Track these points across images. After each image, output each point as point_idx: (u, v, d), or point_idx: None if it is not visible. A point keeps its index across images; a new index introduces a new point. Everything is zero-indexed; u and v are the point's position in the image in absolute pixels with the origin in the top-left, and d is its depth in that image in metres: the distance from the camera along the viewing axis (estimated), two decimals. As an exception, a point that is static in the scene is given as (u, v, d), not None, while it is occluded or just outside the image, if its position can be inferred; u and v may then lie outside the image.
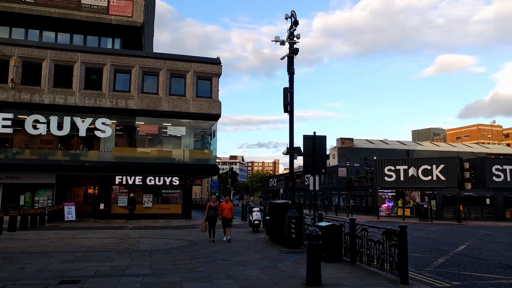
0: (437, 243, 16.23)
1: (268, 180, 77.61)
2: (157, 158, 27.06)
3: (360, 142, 74.73)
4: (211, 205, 14.77)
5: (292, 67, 14.23)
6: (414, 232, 20.73)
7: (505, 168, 35.63)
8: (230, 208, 14.83)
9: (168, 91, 26.81)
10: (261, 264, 10.30)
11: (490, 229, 24.96)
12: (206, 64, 27.76)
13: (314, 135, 13.41)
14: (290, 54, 14.29)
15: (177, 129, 27.56)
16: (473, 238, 18.66)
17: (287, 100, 13.97)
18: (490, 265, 11.06)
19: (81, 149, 25.64)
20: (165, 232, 18.53)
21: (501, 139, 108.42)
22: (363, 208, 41.14)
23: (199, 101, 27.10)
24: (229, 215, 14.72)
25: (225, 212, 14.69)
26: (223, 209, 14.70)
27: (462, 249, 14.47)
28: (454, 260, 11.85)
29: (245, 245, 14.12)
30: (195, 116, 27.26)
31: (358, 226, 10.29)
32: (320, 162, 13.36)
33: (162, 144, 27.99)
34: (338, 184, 46.42)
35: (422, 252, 13.41)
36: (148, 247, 13.20)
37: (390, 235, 8.82)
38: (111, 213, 25.70)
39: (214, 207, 14.69)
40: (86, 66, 25.22)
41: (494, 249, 14.71)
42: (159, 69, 26.69)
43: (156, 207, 27.12)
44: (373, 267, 9.51)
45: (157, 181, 26.76)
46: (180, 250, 12.60)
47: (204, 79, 27.72)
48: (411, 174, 36.61)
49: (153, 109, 26.28)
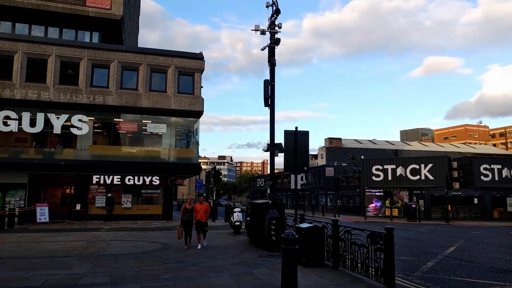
0: (425, 244, 15.50)
1: (256, 180, 76.74)
2: (137, 156, 25.94)
3: (348, 142, 74.41)
4: (186, 208, 12.96)
5: (273, 58, 13.35)
6: (402, 233, 20.03)
7: (493, 167, 35.32)
8: (205, 209, 12.94)
9: (148, 87, 25.71)
10: (235, 271, 9.39)
11: (478, 229, 24.43)
12: (188, 59, 26.72)
13: (296, 130, 12.54)
14: (271, 44, 13.40)
15: (158, 127, 26.47)
16: (462, 239, 18.01)
17: (267, 93, 13.06)
18: (483, 269, 10.32)
19: (56, 147, 24.40)
20: (141, 234, 17.50)
21: (488, 139, 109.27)
22: (350, 208, 40.49)
23: (181, 97, 26.06)
24: (204, 218, 12.87)
25: (199, 215, 12.83)
26: (197, 211, 12.82)
27: (452, 251, 13.75)
28: (444, 263, 11.09)
29: (223, 248, 13.19)
30: (176, 113, 26.20)
31: (341, 228, 9.46)
32: (303, 160, 12.49)
33: (142, 142, 26.85)
34: (326, 184, 45.73)
35: (410, 254, 12.64)
36: (117, 250, 12.19)
37: (375, 238, 7.98)
38: (88, 214, 24.52)
39: (189, 209, 12.91)
40: (61, 60, 23.94)
41: (485, 251, 14.04)
42: (139, 64, 25.57)
43: (136, 208, 26.00)
44: (357, 272, 8.67)
45: (136, 181, 25.66)
46: (150, 254, 11.62)
47: (186, 74, 26.67)
48: (399, 173, 36.06)
49: (133, 106, 25.16)
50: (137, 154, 26.19)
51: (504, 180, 35.12)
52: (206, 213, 12.90)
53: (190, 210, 12.86)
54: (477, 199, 34.52)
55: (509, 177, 35.28)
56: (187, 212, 12.84)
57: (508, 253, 13.62)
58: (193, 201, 13.29)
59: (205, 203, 13.17)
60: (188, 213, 12.82)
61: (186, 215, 12.80)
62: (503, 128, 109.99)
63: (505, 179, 35.17)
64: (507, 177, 35.25)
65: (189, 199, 13.50)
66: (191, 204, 13.10)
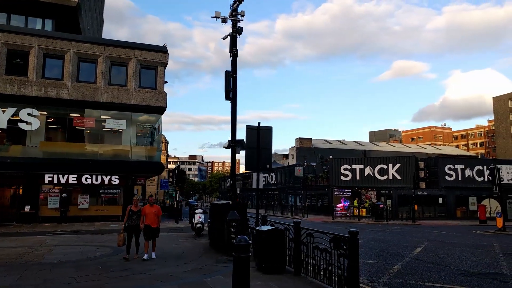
0: (392, 246, 15.03)
1: (226, 180, 75.58)
2: (95, 154, 24.39)
3: (318, 142, 74.60)
4: (132, 210, 10.88)
5: (235, 48, 12.44)
6: (369, 234, 19.61)
7: (456, 168, 35.87)
8: (155, 213, 10.91)
9: (107, 80, 24.20)
10: (186, 279, 8.42)
11: (443, 228, 24.47)
12: (151, 52, 25.39)
13: (259, 126, 11.68)
14: (233, 33, 12.48)
15: (117, 123, 25.00)
16: (428, 239, 17.74)
17: (229, 85, 12.14)
18: (450, 273, 9.81)
19: (2, 143, 22.49)
20: (93, 237, 16.17)
21: (451, 141, 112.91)
22: (319, 208, 40.18)
23: (142, 92, 24.71)
24: (155, 223, 10.84)
25: (149, 219, 10.76)
26: (146, 215, 10.78)
27: (419, 252, 13.30)
28: (411, 266, 10.53)
29: (179, 253, 12.16)
30: (137, 108, 24.82)
31: (304, 231, 8.67)
32: (266, 157, 11.64)
33: (100, 139, 25.30)
34: (295, 183, 45.30)
35: (376, 257, 12.04)
36: (58, 258, 10.91)
37: (338, 243, 7.21)
38: (39, 216, 22.76)
39: (136, 212, 10.90)
40: (8, 48, 22.00)
41: (450, 251, 13.68)
42: (97, 56, 24.02)
43: (94, 209, 24.43)
44: (319, 280, 7.90)
45: (94, 180, 24.09)
46: (96, 261, 10.45)
47: (148, 68, 25.33)
48: (367, 173, 36.00)
49: (90, 100, 23.58)
50: (95, 151, 24.65)
51: (467, 180, 35.75)
52: (157, 217, 10.94)
53: (136, 212, 10.89)
54: (441, 199, 34.94)
55: (471, 177, 35.94)
56: (133, 215, 10.85)
57: (473, 253, 13.31)
58: (140, 201, 11.46)
59: (156, 206, 11.27)
60: (134, 216, 10.84)
61: (131, 218, 10.82)
62: (465, 130, 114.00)
63: (468, 179, 35.80)
64: (470, 177, 35.90)
65: (134, 200, 11.11)
66: (137, 205, 11.02)
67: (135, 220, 10.84)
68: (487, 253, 13.54)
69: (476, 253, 13.35)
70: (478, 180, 35.88)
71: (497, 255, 13.11)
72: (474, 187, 35.63)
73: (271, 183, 54.71)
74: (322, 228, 23.54)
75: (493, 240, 18.01)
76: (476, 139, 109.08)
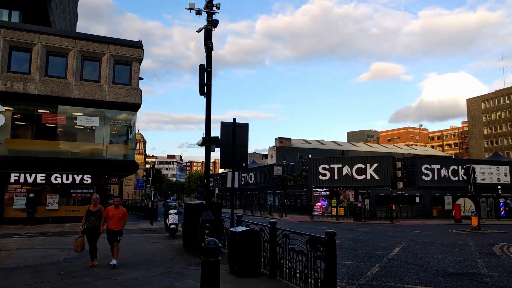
0: (370, 246, 14.81)
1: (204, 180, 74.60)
2: (65, 152, 23.36)
3: (297, 142, 74.69)
4: (90, 210, 9.70)
5: (210, 41, 11.91)
6: (347, 234, 19.41)
7: (433, 167, 36.33)
8: (120, 216, 9.67)
9: (79, 76, 23.20)
10: (153, 284, 7.87)
11: (420, 227, 24.58)
12: (126, 47, 24.51)
13: (234, 122, 11.20)
14: (208, 26, 11.94)
15: (90, 120, 24.03)
16: (406, 239, 17.65)
17: (203, 80, 11.61)
18: (428, 273, 9.58)
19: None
20: (60, 240, 15.32)
21: (427, 141, 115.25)
22: (297, 208, 39.99)
23: (116, 88, 23.82)
24: (118, 226, 9.62)
25: (112, 222, 9.58)
26: (110, 218, 9.62)
27: (397, 252, 13.10)
28: (389, 267, 10.26)
29: (150, 255, 11.55)
30: (111, 105, 23.90)
31: (279, 232, 8.24)
32: (241, 155, 11.18)
33: (72, 137, 24.29)
34: (274, 183, 44.98)
35: (354, 258, 11.74)
36: (17, 262, 10.15)
37: (315, 245, 6.81)
38: (3, 218, 21.57)
39: (95, 212, 9.68)
40: (-30, 39, 20.85)
41: (428, 251, 13.55)
42: (68, 50, 22.99)
43: (64, 209, 23.38)
44: (295, 283, 7.49)
45: (65, 179, 23.07)
46: (57, 266, 9.75)
47: (122, 64, 24.45)
48: (345, 172, 36.02)
49: (61, 96, 22.53)
50: (66, 149, 23.61)
51: (443, 179, 36.27)
52: (121, 220, 9.70)
53: (95, 213, 9.67)
54: (418, 198, 35.30)
55: (447, 177, 36.48)
56: (92, 215, 9.62)
57: (450, 253, 13.22)
58: (99, 201, 9.98)
59: (122, 208, 9.95)
60: (93, 217, 9.61)
61: (90, 220, 9.58)
62: (440, 131, 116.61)
63: (444, 178, 36.33)
64: (445, 177, 36.44)
65: (93, 198, 9.90)
66: (96, 205, 9.80)
67: (93, 221, 9.61)
68: (464, 252, 13.47)
69: (453, 253, 13.25)
70: (453, 179, 36.47)
71: (474, 254, 13.05)
72: (449, 186, 36.20)
73: (250, 183, 54.28)
74: (300, 228, 23.25)
75: (469, 239, 18.09)
76: (451, 140, 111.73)
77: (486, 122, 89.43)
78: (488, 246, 15.25)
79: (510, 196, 37.65)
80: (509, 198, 37.60)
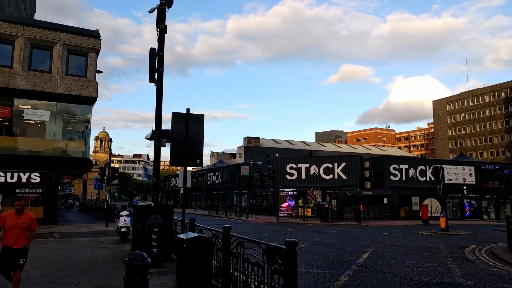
0: (338, 250, 13.87)
1: (170, 179, 72.37)
2: (10, 148, 21.30)
3: (266, 141, 73.92)
4: None
5: (163, 22, 10.61)
6: (313, 236, 18.46)
7: (401, 168, 36.22)
8: (24, 227, 6.49)
9: (27, 65, 21.21)
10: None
11: (388, 229, 24.06)
12: (81, 36, 22.66)
13: (188, 113, 9.91)
14: (161, 5, 10.64)
15: (39, 113, 22.05)
16: (375, 242, 16.88)
17: (154, 65, 10.28)
18: (401, 283, 8.64)
19: None
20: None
21: (394, 142, 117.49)
22: (264, 208, 38.97)
23: (70, 80, 21.95)
24: (20, 242, 6.45)
25: (11, 236, 6.37)
26: (7, 230, 6.38)
27: (366, 258, 12.18)
28: (359, 277, 9.27)
29: (90, 264, 10.06)
30: (63, 98, 22.03)
31: (234, 239, 7.04)
32: (195, 150, 9.90)
33: (18, 131, 22.20)
34: (241, 182, 43.76)
35: (321, 265, 10.71)
36: None
37: (273, 256, 5.64)
38: None
39: None
40: None
41: (399, 256, 12.73)
42: (14, 37, 20.93)
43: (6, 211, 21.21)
44: (250, 301, 6.30)
45: (9, 178, 21.00)
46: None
47: (77, 54, 22.63)
48: (313, 172, 35.31)
49: (5, 86, 20.51)
50: (10, 145, 21.57)
51: (411, 179, 36.23)
52: (25, 232, 6.53)
53: None
54: (386, 199, 35.04)
55: (415, 177, 36.48)
56: None
57: (422, 257, 12.46)
58: None
59: (27, 214, 6.69)
60: None
61: None
62: (407, 132, 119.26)
63: (411, 178, 36.30)
64: (413, 177, 36.42)
65: None
66: None
67: None
68: (435, 257, 12.74)
69: (425, 257, 12.49)
70: (421, 180, 36.51)
71: (446, 258, 12.34)
72: (417, 187, 36.20)
73: (216, 183, 52.85)
74: (266, 230, 22.09)
75: (439, 241, 17.55)
76: (417, 141, 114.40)
77: (451, 124, 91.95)
78: (459, 249, 14.66)
79: (474, 196, 38.18)
80: (474, 199, 38.13)
